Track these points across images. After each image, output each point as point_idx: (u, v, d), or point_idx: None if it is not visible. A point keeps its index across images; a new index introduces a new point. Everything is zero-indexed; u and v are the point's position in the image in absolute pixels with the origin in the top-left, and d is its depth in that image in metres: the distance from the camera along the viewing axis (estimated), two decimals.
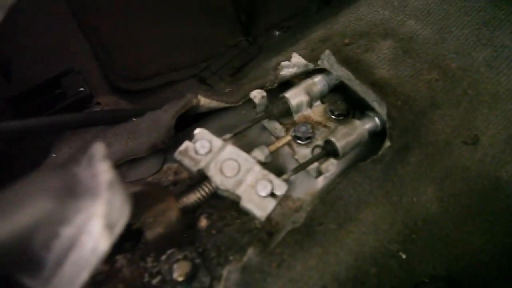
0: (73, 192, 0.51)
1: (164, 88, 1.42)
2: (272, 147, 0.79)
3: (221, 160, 0.74)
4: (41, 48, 1.35)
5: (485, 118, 0.92)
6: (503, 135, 0.92)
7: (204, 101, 0.87)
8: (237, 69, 1.46)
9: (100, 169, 0.53)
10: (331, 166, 0.77)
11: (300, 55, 1.02)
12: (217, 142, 0.76)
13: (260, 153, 0.77)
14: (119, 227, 0.51)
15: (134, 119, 0.95)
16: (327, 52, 0.87)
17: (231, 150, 0.75)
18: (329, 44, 1.04)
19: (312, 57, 0.99)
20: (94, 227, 0.50)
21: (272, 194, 0.72)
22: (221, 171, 0.73)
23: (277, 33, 1.60)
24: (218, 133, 0.89)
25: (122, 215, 0.51)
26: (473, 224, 0.90)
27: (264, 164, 0.76)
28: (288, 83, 0.96)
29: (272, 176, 0.73)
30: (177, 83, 1.44)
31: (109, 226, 0.50)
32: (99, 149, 0.56)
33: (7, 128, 0.78)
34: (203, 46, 1.55)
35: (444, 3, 1.05)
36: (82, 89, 0.96)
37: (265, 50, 1.54)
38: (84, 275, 0.48)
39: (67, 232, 0.50)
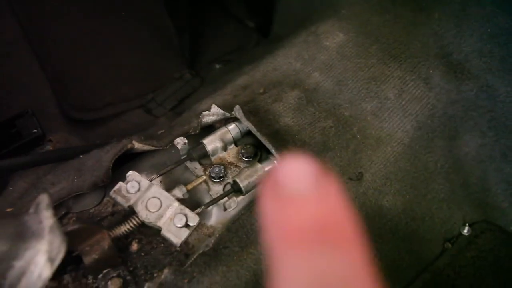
0: (23, 236, 0.70)
1: (113, 118, 1.59)
2: (189, 186, 0.99)
3: (147, 198, 0.93)
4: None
5: (369, 158, 1.14)
6: (383, 171, 1.14)
7: (138, 145, 1.06)
8: (180, 101, 1.64)
9: (44, 216, 0.72)
10: (233, 203, 0.97)
11: (224, 99, 1.22)
12: (144, 182, 0.95)
13: (179, 191, 0.96)
14: (58, 260, 0.69)
15: (81, 156, 1.12)
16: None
17: (155, 190, 0.94)
18: (248, 91, 1.24)
19: (233, 102, 1.19)
20: (39, 260, 0.69)
21: (187, 225, 0.91)
22: (146, 207, 0.92)
23: (217, 66, 1.78)
24: (150, 169, 1.09)
25: (60, 251, 0.70)
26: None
27: (182, 200, 0.96)
28: (211, 126, 1.16)
29: (187, 211, 0.93)
30: (125, 113, 1.61)
31: (51, 259, 0.69)
32: (44, 199, 0.75)
33: None
34: (151, 77, 1.73)
35: (344, 59, 1.27)
36: (35, 130, 1.13)
37: (207, 82, 1.73)
38: None
39: (19, 264, 0.69)
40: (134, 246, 0.98)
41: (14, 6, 1.68)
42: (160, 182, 1.07)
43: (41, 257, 0.69)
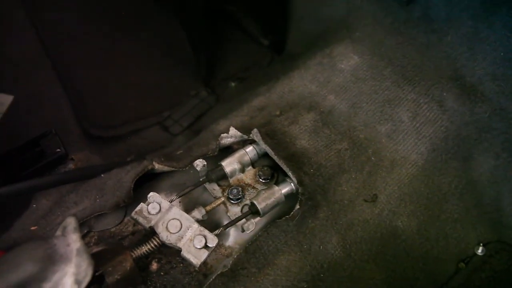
0: (52, 258, 0.73)
1: (132, 135, 1.61)
2: (208, 207, 1.01)
3: (167, 219, 0.96)
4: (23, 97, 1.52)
5: (384, 180, 1.16)
6: (398, 193, 1.16)
7: (158, 166, 1.09)
8: (196, 118, 1.66)
9: (72, 239, 0.75)
10: (251, 225, 1.00)
11: (241, 121, 1.25)
12: (165, 204, 0.98)
13: (198, 213, 0.99)
14: (85, 283, 0.72)
15: (102, 175, 1.15)
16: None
17: (175, 211, 0.97)
18: (264, 113, 1.27)
19: (250, 124, 1.22)
20: (67, 282, 0.72)
21: (206, 246, 0.94)
22: (167, 228, 0.95)
23: (232, 84, 1.80)
24: (170, 190, 1.12)
25: (87, 275, 0.73)
26: (375, 263, 1.12)
27: (201, 221, 0.98)
28: (229, 148, 1.19)
29: (206, 232, 0.95)
30: (143, 131, 1.64)
31: (77, 282, 0.72)
32: (71, 222, 0.78)
33: None
34: (168, 95, 1.76)
35: (359, 81, 1.29)
36: (58, 150, 1.16)
37: (222, 100, 1.75)
38: None
39: (47, 286, 0.72)
40: (154, 266, 1.01)
41: (37, 26, 1.72)
42: (180, 202, 1.10)
43: (68, 279, 0.72)
